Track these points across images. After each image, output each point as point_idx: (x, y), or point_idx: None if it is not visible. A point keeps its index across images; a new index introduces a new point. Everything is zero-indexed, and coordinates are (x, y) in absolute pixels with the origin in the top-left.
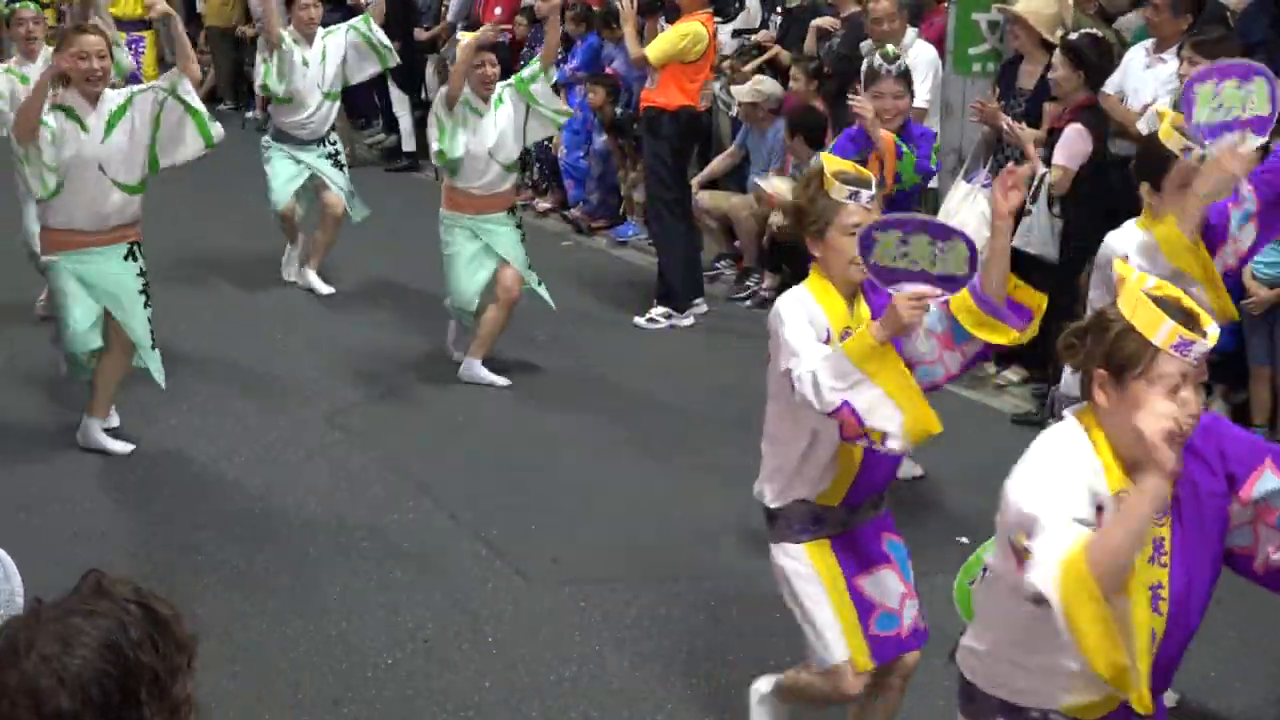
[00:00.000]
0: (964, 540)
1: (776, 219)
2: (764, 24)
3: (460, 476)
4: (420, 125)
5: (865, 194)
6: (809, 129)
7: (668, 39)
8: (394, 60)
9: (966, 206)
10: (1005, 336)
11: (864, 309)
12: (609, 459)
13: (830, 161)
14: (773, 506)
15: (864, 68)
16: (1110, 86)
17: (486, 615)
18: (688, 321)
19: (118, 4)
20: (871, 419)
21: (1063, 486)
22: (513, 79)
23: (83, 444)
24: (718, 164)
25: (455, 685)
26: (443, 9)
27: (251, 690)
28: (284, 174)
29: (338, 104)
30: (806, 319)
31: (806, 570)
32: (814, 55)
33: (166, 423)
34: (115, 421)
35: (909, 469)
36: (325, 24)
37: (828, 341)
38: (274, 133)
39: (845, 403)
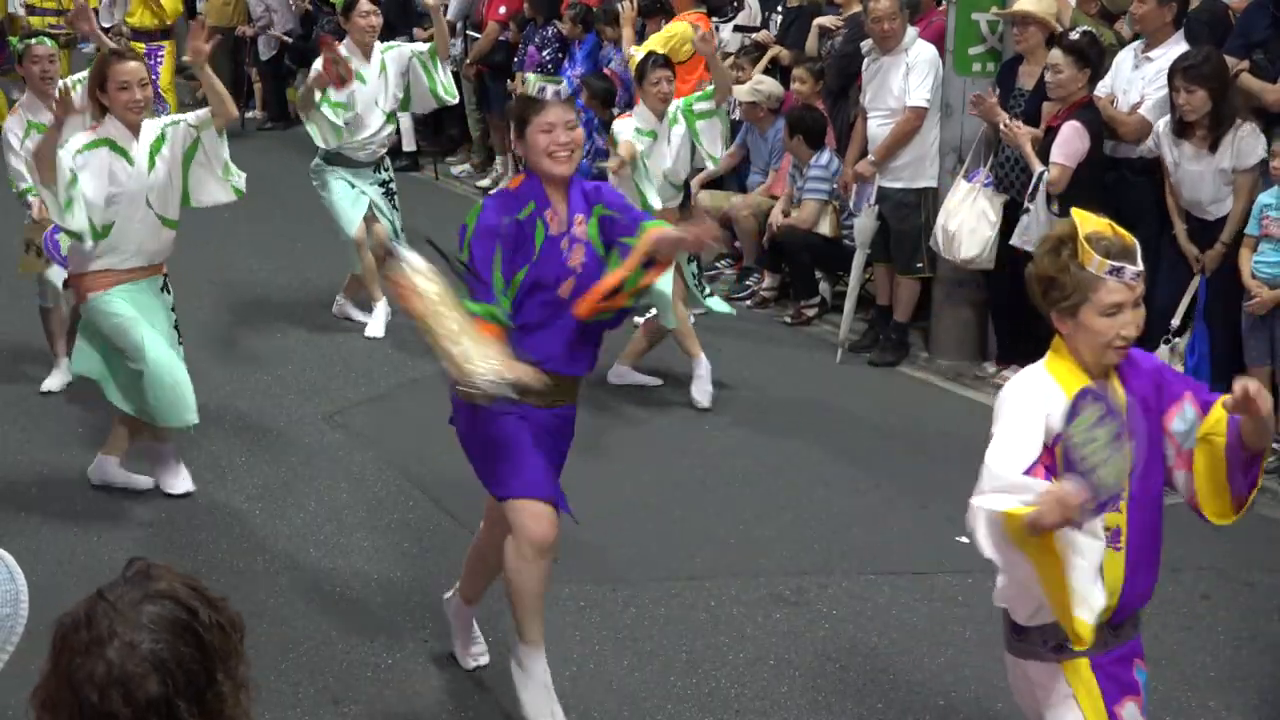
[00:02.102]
0: (964, 540)
1: (776, 219)
2: (765, 23)
3: (461, 476)
4: (420, 125)
5: (1130, 270)
6: (809, 129)
7: (656, 40)
8: (452, 99)
9: (966, 206)
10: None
11: (1119, 390)
12: (608, 459)
13: (1084, 222)
14: (1025, 625)
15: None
16: (1101, 89)
17: (486, 615)
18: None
19: (135, 14)
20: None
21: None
22: (681, 103)
23: (96, 480)
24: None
25: (455, 684)
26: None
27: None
28: (345, 196)
29: (394, 127)
30: (1035, 408)
31: (1063, 694)
32: (815, 55)
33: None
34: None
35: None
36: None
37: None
38: (325, 153)
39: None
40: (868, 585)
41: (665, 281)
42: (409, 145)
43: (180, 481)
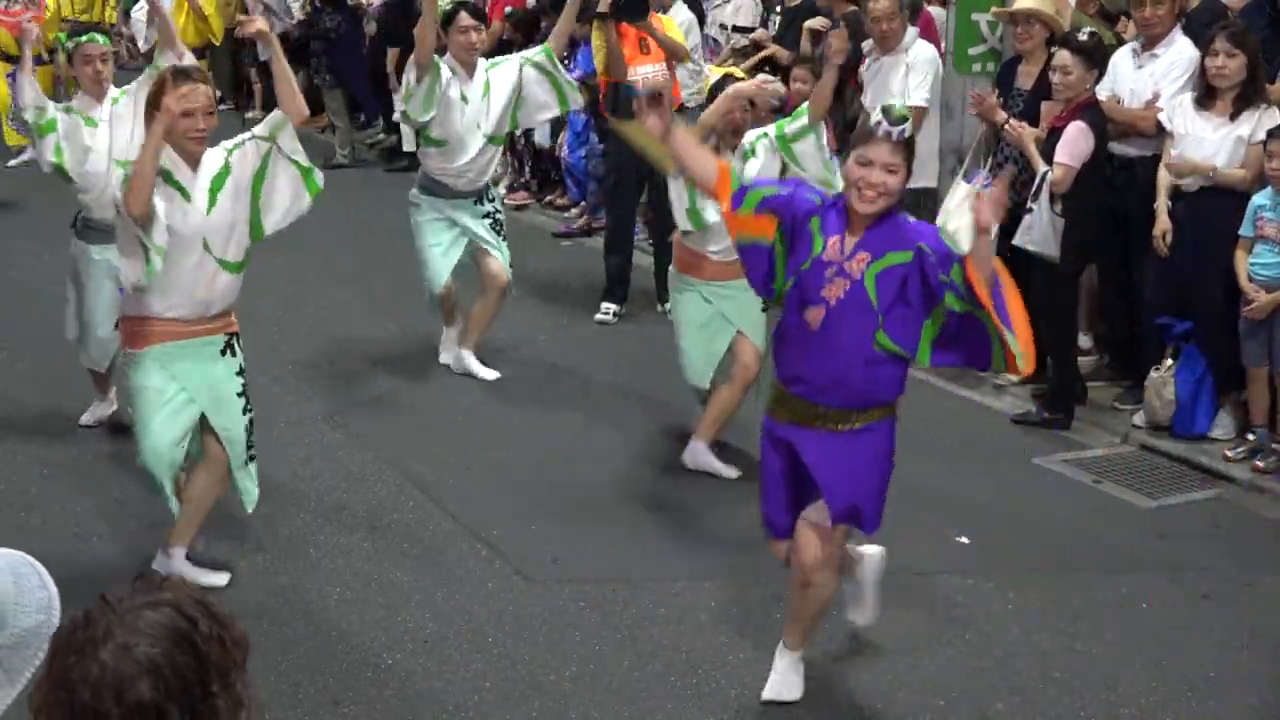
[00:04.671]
0: (964, 540)
1: None
2: (763, 23)
3: (460, 476)
4: None
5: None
6: None
7: (596, 49)
8: (576, 102)
9: (965, 207)
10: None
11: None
12: (609, 459)
13: None
14: None
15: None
16: (1101, 91)
17: (486, 615)
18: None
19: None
20: None
21: None
22: (772, 130)
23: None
24: None
25: (455, 685)
26: None
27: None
28: (439, 244)
29: (500, 151)
30: None
31: None
32: (811, 56)
33: None
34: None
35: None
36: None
37: None
38: (422, 182)
39: None
40: None
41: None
42: (409, 146)
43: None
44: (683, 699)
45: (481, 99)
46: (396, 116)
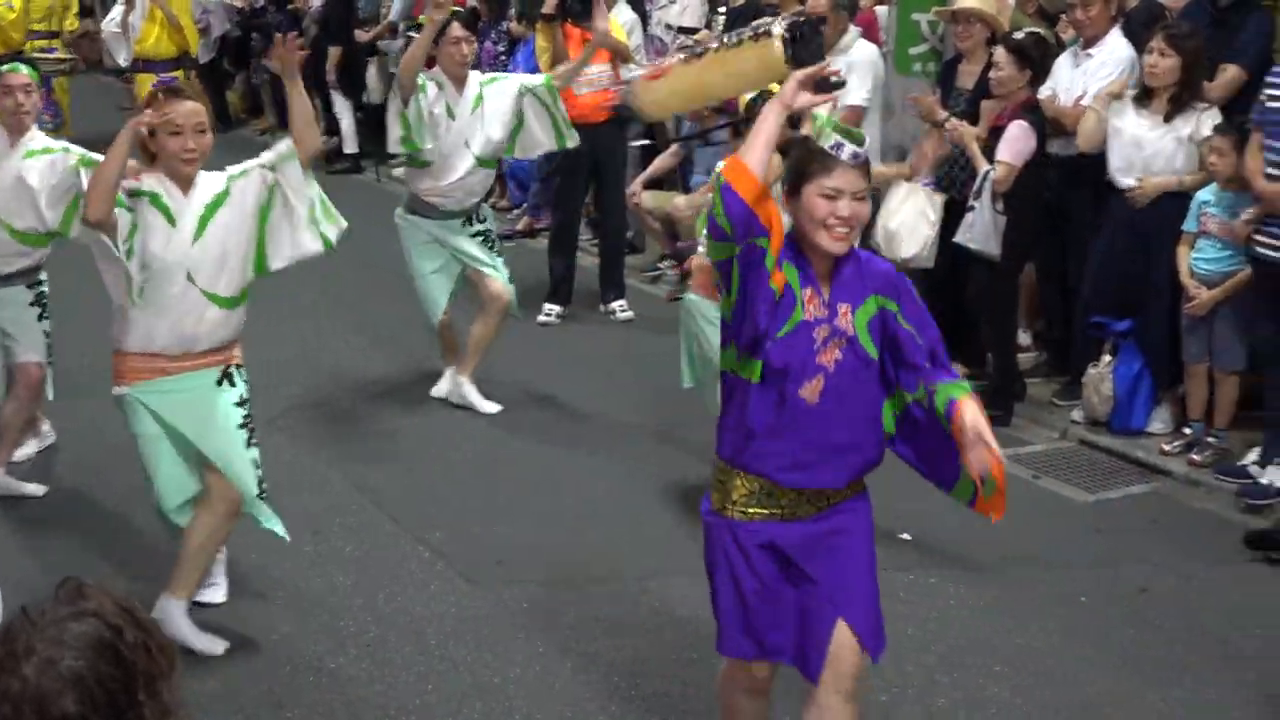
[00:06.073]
0: (906, 537)
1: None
2: (707, 24)
3: (402, 480)
4: (361, 126)
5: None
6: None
7: (541, 50)
8: (572, 141)
9: (907, 205)
10: None
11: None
12: (553, 461)
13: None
14: None
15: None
16: (1044, 91)
17: (429, 618)
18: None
19: (149, 40)
20: None
21: None
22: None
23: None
24: (661, 163)
25: (398, 688)
26: (383, 10)
27: (192, 697)
28: (431, 274)
29: (492, 174)
30: None
31: None
32: None
33: (108, 431)
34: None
35: None
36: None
37: None
38: (409, 203)
39: None
40: None
41: None
42: (350, 148)
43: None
44: (627, 700)
45: (472, 113)
46: (394, 148)
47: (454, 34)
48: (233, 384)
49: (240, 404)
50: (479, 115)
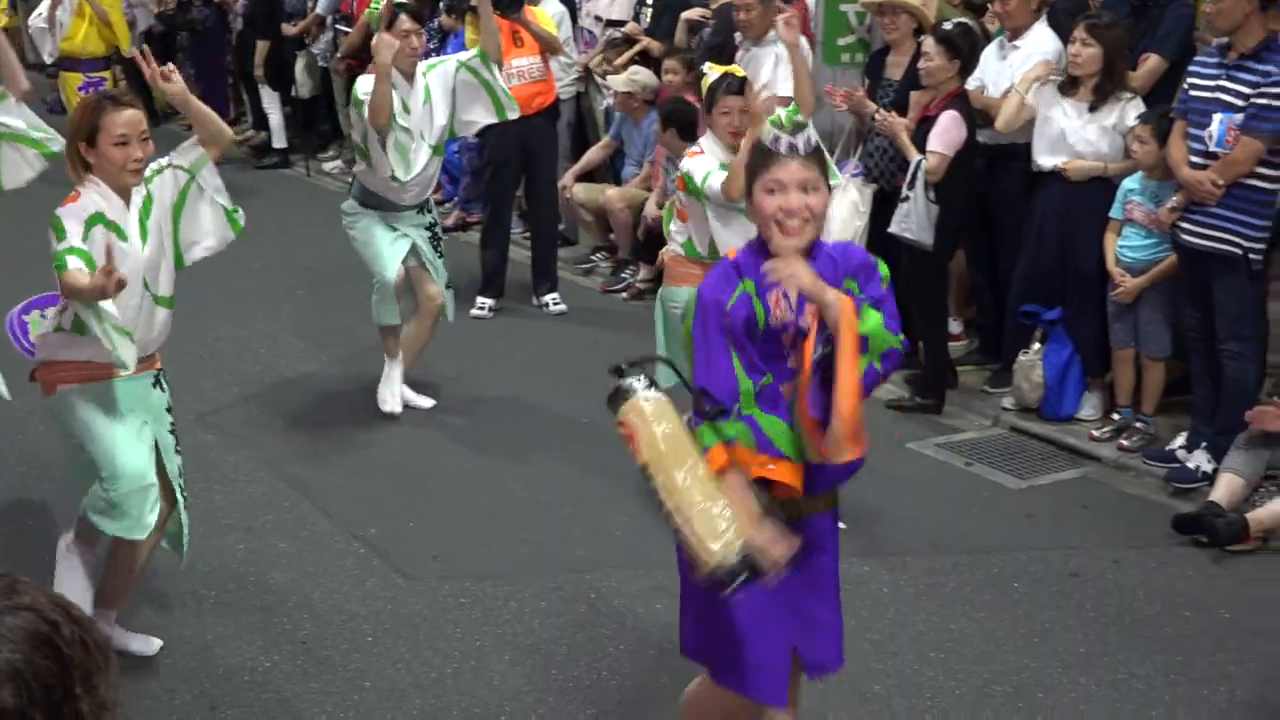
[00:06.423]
0: (840, 525)
1: (650, 211)
2: (635, 16)
3: (336, 475)
4: (290, 121)
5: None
6: (681, 121)
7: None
8: (514, 112)
9: (837, 196)
10: None
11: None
12: (487, 455)
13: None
14: None
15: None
16: (972, 83)
17: (365, 614)
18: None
19: (76, 37)
20: None
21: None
22: None
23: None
24: (592, 155)
25: (334, 685)
26: (309, 4)
27: (125, 698)
28: (384, 238)
29: (441, 161)
30: None
31: None
32: (686, 47)
33: (35, 429)
34: None
35: None
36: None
37: None
38: (360, 194)
39: None
40: None
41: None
42: (279, 142)
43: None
44: (564, 692)
45: (423, 106)
46: (356, 170)
47: (403, 27)
48: (163, 389)
49: (169, 410)
50: (429, 107)
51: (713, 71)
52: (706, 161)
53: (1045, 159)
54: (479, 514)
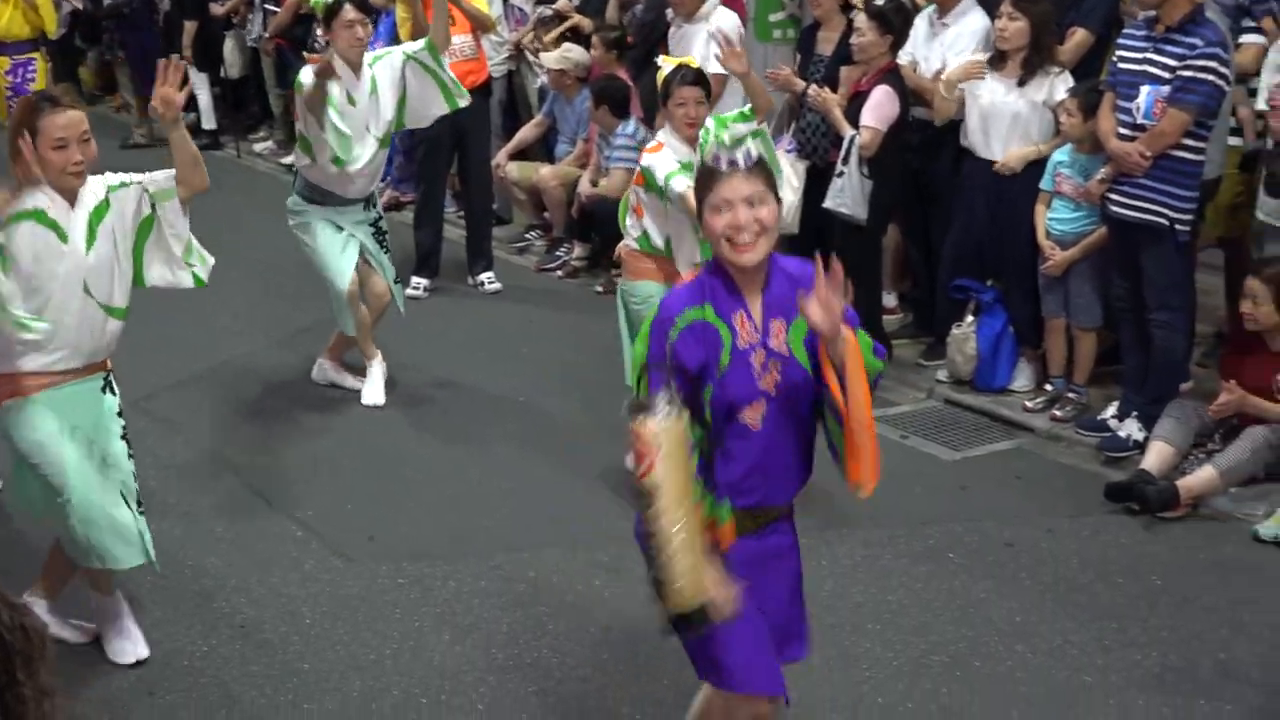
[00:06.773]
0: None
1: (584, 188)
2: None
3: (272, 458)
4: (219, 102)
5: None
6: (613, 98)
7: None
8: (464, 100)
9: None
10: None
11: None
12: (424, 435)
13: None
14: None
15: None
16: (903, 56)
17: (303, 597)
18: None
19: (1, 20)
20: None
21: None
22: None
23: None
24: (525, 133)
25: (273, 668)
26: None
27: (63, 685)
28: (333, 244)
29: (386, 153)
30: None
31: None
32: (616, 24)
33: None
34: None
35: None
36: None
37: None
38: (304, 189)
39: None
40: None
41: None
42: (209, 124)
43: (130, 645)
44: (505, 671)
45: (369, 97)
46: (328, 168)
47: (347, 17)
48: (113, 393)
49: (120, 414)
50: (375, 99)
51: (667, 64)
52: (666, 159)
53: (978, 144)
54: (416, 494)
